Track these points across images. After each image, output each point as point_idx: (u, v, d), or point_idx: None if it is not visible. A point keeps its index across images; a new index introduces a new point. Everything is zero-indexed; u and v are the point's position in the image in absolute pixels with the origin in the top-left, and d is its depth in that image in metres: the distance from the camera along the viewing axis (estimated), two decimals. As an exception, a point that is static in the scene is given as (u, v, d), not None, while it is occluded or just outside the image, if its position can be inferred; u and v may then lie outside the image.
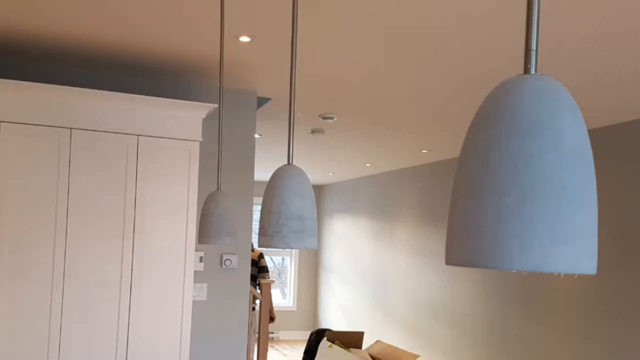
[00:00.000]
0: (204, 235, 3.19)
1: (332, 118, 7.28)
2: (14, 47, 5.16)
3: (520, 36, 4.36)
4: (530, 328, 8.31)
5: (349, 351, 8.61)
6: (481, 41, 4.52)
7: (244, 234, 6.32)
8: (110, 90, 5.59)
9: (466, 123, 7.25)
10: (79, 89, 5.04)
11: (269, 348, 12.33)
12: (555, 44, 4.51)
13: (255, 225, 11.65)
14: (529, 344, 8.33)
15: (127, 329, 5.15)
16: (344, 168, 12.36)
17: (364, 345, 9.73)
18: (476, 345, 9.52)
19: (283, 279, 16.31)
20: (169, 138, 5.30)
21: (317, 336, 10.26)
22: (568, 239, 0.97)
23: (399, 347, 9.42)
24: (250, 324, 8.23)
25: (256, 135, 6.99)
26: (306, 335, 13.02)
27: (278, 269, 16.30)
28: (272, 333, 15.21)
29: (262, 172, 12.21)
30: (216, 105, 5.37)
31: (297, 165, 2.11)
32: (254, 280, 9.62)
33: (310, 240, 2.04)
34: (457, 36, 4.44)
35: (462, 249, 1.05)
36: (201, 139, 5.40)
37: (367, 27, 4.33)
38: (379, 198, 12.83)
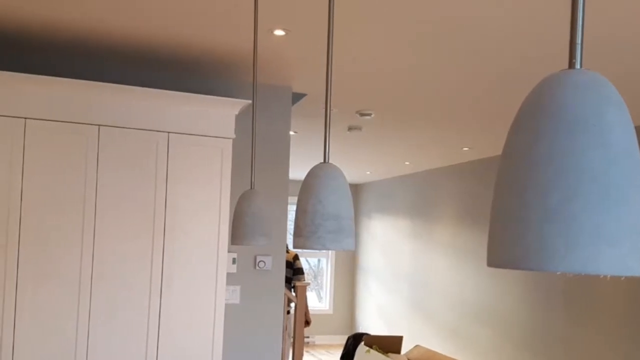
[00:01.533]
0: (237, 236, 3.20)
1: (369, 115, 7.28)
2: (39, 41, 5.20)
3: (564, 29, 4.34)
4: (575, 331, 8.26)
5: (388, 356, 8.61)
6: (522, 35, 4.50)
7: (279, 235, 6.33)
8: (140, 86, 5.61)
9: (509, 119, 7.21)
10: (108, 84, 5.08)
11: (305, 353, 12.34)
12: (601, 36, 4.48)
13: (290, 226, 11.67)
14: (573, 348, 8.28)
15: (157, 333, 5.18)
16: (382, 166, 12.34)
17: (403, 350, 9.72)
18: (519, 349, 9.47)
19: (319, 282, 16.31)
20: (200, 135, 5.31)
21: (355, 340, 10.26)
22: (615, 239, 0.97)
23: (438, 351, 9.40)
24: (285, 328, 8.24)
25: (291, 133, 7.00)
26: (343, 339, 13.00)
27: (314, 271, 16.30)
28: (308, 337, 15.19)
29: (297, 171, 12.20)
30: (249, 102, 5.38)
31: (334, 164, 2.11)
32: (289, 282, 9.62)
33: (347, 241, 2.04)
34: (496, 30, 4.43)
35: (505, 250, 1.05)
36: (234, 136, 5.41)
37: (405, 22, 4.33)
38: (418, 197, 12.80)
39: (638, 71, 5.22)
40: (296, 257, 10.22)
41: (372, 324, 14.77)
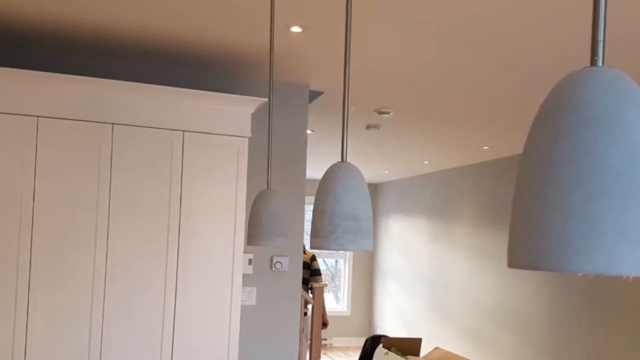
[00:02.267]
0: (253, 236, 3.19)
1: (388, 113, 7.27)
2: (53, 38, 5.22)
3: (586, 26, 4.32)
4: (598, 332, 8.23)
5: (406, 359, 8.60)
6: (543, 33, 4.49)
7: (296, 235, 6.33)
8: (154, 83, 5.61)
9: (530, 117, 7.19)
10: (122, 82, 5.08)
11: (322, 355, 12.35)
12: (623, 34, 4.47)
13: (308, 226, 11.67)
14: (595, 349, 8.26)
15: (172, 335, 5.18)
16: (400, 166, 12.33)
17: (422, 352, 9.71)
18: (539, 351, 9.45)
19: (336, 283, 16.30)
20: (216, 134, 5.32)
21: (373, 343, 10.25)
22: (638, 240, 0.97)
23: (458, 354, 9.39)
24: (302, 330, 8.25)
25: (308, 131, 7.00)
26: (361, 341, 13.00)
27: (331, 272, 16.30)
28: (325, 340, 15.20)
29: (315, 170, 12.20)
30: (266, 100, 5.38)
31: (352, 163, 2.11)
32: (306, 283, 9.62)
33: (366, 241, 2.03)
34: (517, 28, 4.42)
35: (526, 250, 1.05)
36: (250, 135, 5.41)
37: (422, 19, 4.33)
38: (437, 197, 12.79)
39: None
40: (313, 258, 10.22)
41: (390, 325, 14.76)
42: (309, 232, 2.11)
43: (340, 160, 2.14)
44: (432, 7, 4.15)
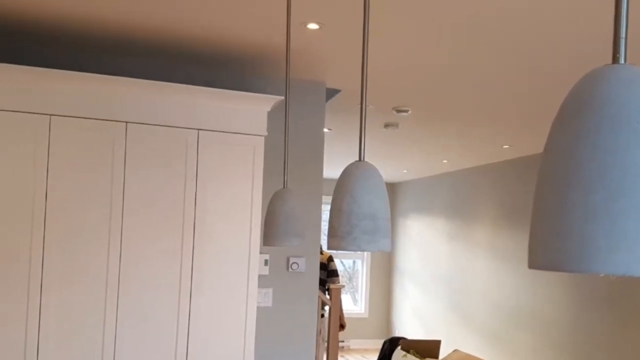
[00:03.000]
0: (269, 236, 3.19)
1: (406, 111, 7.26)
2: (66, 36, 5.23)
3: (606, 24, 4.31)
4: (620, 333, 8.20)
5: (425, 361, 8.60)
6: (564, 29, 4.48)
7: (313, 235, 6.32)
8: (168, 81, 5.61)
9: (551, 115, 7.17)
10: (135, 80, 5.09)
11: (339, 357, 12.35)
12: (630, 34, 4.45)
13: (325, 226, 11.67)
14: (617, 350, 8.23)
15: (186, 337, 5.19)
16: (419, 165, 12.32)
17: (441, 355, 9.70)
18: (560, 353, 9.42)
19: (354, 284, 16.30)
20: (231, 132, 5.32)
21: (391, 345, 10.26)
22: (660, 240, 0.97)
23: (477, 356, 9.37)
24: (319, 332, 8.24)
25: (325, 130, 7.00)
26: (379, 344, 12.98)
27: (348, 273, 16.29)
28: (342, 342, 15.19)
29: (332, 169, 12.19)
30: (282, 98, 5.37)
31: (369, 162, 2.10)
32: (323, 284, 9.61)
33: (384, 241, 2.03)
34: (537, 24, 4.41)
35: (546, 251, 1.05)
36: (266, 134, 5.41)
37: (443, 15, 4.32)
38: (457, 197, 12.77)
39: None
40: (330, 259, 10.21)
41: (408, 327, 14.75)
42: (326, 233, 2.11)
43: (357, 159, 2.14)
44: (450, 4, 4.15)
